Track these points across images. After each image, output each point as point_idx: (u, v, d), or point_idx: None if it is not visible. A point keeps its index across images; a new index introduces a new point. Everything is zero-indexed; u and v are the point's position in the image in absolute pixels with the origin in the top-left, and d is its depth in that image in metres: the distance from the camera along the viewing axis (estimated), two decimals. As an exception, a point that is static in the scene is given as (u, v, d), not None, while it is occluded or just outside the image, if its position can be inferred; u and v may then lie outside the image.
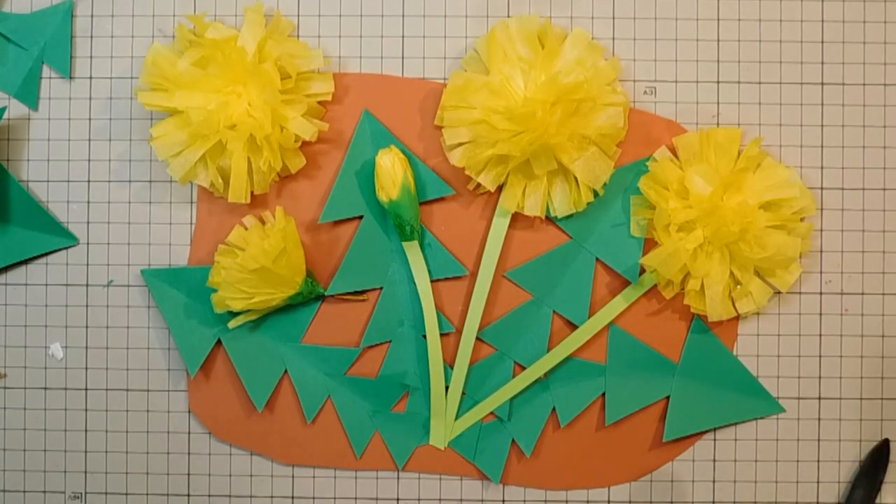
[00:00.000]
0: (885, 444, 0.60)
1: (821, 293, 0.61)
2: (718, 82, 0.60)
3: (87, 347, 0.62)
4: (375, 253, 0.60)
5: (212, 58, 0.57)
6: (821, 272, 0.61)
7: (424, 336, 0.59)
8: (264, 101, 0.56)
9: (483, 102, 0.56)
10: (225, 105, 0.57)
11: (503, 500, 0.61)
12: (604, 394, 0.60)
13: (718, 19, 0.60)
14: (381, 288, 0.60)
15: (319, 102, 0.60)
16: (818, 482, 0.61)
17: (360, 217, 0.60)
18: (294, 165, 0.59)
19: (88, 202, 0.61)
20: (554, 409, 0.60)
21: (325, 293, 0.60)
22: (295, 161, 0.59)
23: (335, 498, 0.61)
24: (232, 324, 0.59)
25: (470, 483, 0.61)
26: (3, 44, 0.61)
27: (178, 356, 0.61)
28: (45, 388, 0.62)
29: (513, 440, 0.60)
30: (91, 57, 0.61)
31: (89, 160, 0.61)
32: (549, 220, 0.60)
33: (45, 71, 0.61)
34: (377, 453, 0.61)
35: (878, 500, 0.60)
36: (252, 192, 0.59)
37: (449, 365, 0.60)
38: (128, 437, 0.62)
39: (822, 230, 0.60)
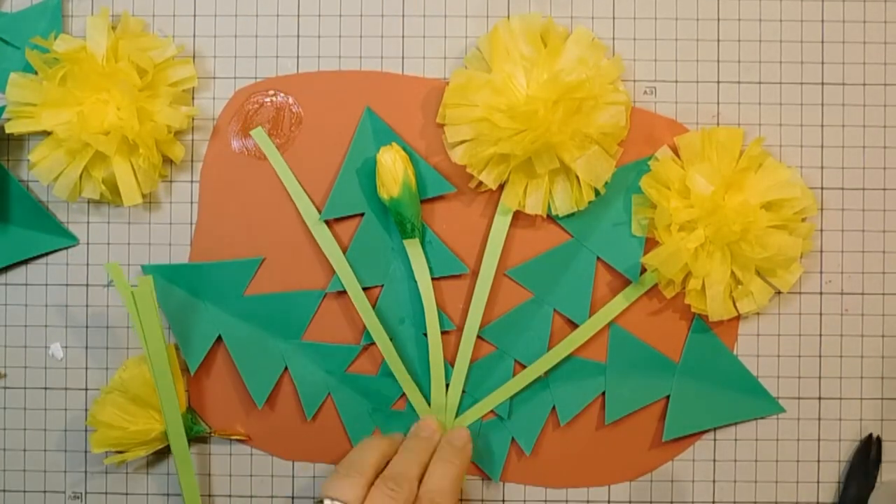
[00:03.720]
0: (868, 439, 0.60)
1: (821, 293, 0.61)
2: (718, 82, 0.60)
3: (87, 347, 0.61)
4: (376, 250, 0.60)
5: (69, 72, 0.58)
6: (821, 272, 0.61)
7: (425, 334, 0.59)
8: (128, 100, 0.57)
9: (485, 100, 0.56)
10: (92, 114, 0.57)
11: (503, 499, 0.61)
12: (604, 393, 0.60)
13: (718, 19, 0.60)
14: (382, 285, 0.60)
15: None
16: (818, 482, 0.61)
17: (362, 214, 0.60)
18: (175, 156, 0.60)
19: (88, 202, 0.61)
20: (554, 407, 0.60)
21: (326, 290, 0.60)
22: (174, 151, 0.60)
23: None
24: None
25: (470, 481, 0.61)
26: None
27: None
28: (46, 388, 0.62)
29: (513, 438, 0.60)
30: (91, 57, 0.61)
31: (89, 160, 0.61)
32: (551, 218, 0.60)
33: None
34: (378, 451, 0.61)
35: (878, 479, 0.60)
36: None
37: (449, 363, 0.60)
38: (127, 436, 0.62)
39: (822, 230, 0.60)
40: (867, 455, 0.60)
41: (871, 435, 0.60)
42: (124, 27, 0.59)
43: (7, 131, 0.58)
